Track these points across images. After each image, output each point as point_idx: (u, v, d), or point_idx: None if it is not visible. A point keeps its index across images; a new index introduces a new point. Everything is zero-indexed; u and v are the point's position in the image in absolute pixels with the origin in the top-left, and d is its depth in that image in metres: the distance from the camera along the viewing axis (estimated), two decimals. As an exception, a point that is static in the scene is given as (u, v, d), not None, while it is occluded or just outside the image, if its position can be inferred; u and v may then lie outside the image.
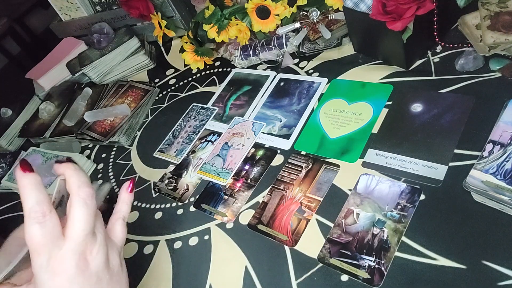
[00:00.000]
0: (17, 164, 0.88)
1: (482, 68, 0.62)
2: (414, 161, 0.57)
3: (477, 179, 0.48)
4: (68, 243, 0.36)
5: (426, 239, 0.49)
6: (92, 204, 0.38)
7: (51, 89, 1.08)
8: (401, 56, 0.67)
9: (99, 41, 1.02)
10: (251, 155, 0.70)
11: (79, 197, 0.38)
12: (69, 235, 0.37)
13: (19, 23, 2.98)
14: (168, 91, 0.95)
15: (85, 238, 0.37)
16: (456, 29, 0.68)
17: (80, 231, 0.37)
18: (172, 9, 1.00)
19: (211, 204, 0.66)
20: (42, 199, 0.36)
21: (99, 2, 1.11)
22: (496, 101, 0.56)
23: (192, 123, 0.83)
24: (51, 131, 0.95)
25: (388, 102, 0.66)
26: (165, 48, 1.08)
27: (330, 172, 0.62)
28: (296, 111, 0.74)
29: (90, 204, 0.38)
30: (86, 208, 0.37)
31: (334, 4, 0.77)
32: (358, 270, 0.50)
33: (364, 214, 0.54)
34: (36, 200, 0.35)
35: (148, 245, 0.66)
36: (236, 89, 0.85)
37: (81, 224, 0.37)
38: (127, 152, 0.85)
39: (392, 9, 0.60)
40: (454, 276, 0.45)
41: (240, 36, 0.86)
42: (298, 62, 0.82)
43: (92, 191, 0.39)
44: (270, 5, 0.80)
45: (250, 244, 0.59)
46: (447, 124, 0.59)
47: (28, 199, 0.35)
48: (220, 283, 0.57)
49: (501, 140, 0.49)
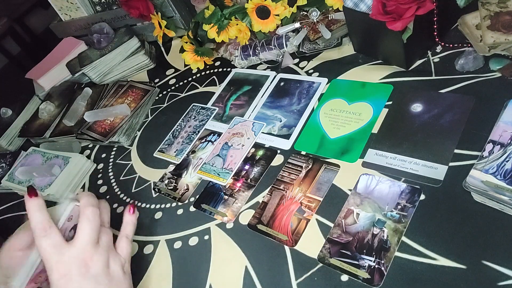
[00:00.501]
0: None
1: (482, 68, 0.62)
2: (414, 161, 0.57)
3: (477, 179, 0.48)
4: (72, 250, 0.46)
5: (426, 239, 0.49)
6: (94, 220, 0.48)
7: (51, 89, 1.08)
8: (401, 56, 0.67)
9: (99, 41, 1.02)
10: (251, 155, 0.70)
11: (84, 214, 0.48)
12: (74, 244, 0.46)
13: (19, 23, 2.98)
14: (168, 91, 0.95)
15: (86, 247, 0.46)
16: (456, 29, 0.68)
17: (83, 241, 0.46)
18: (172, 9, 1.00)
19: (211, 204, 0.66)
20: (44, 219, 0.46)
21: (99, 2, 1.11)
22: (496, 101, 0.56)
23: (192, 123, 0.83)
24: (51, 131, 0.95)
25: (388, 102, 0.66)
26: (165, 48, 1.08)
27: (330, 172, 0.62)
28: (296, 111, 0.74)
29: (93, 220, 0.48)
30: (88, 223, 0.47)
31: (334, 4, 0.77)
32: (358, 270, 0.50)
33: (364, 214, 0.54)
34: (39, 220, 0.46)
35: (148, 245, 0.66)
36: (236, 89, 0.85)
37: (84, 235, 0.46)
38: (127, 152, 0.85)
39: (392, 9, 0.60)
40: (454, 276, 0.45)
41: (240, 36, 0.86)
42: (298, 62, 0.82)
43: (96, 210, 0.49)
44: (270, 5, 0.80)
45: (250, 244, 0.59)
46: (447, 124, 0.59)
47: (33, 220, 0.46)
48: (220, 283, 0.57)
49: (501, 140, 0.49)
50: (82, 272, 0.45)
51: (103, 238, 0.49)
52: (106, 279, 0.47)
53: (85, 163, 0.85)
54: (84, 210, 0.48)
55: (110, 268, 0.48)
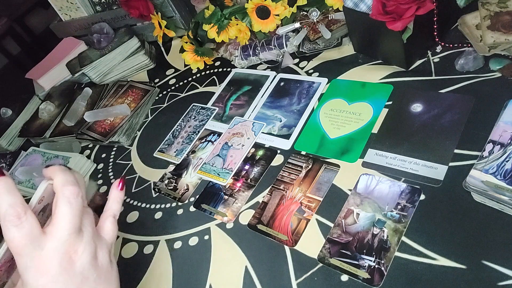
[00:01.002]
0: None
1: (482, 68, 0.62)
2: (414, 161, 0.57)
3: (477, 179, 0.48)
4: (50, 242, 0.36)
5: (426, 239, 0.49)
6: (76, 202, 0.38)
7: (51, 89, 1.08)
8: (401, 56, 0.67)
9: (99, 41, 1.02)
10: (251, 155, 0.70)
11: (63, 196, 0.37)
12: (52, 234, 0.36)
13: (19, 23, 2.98)
14: (168, 91, 0.95)
15: (68, 237, 0.37)
16: (456, 29, 0.68)
17: (64, 230, 0.36)
18: (172, 9, 1.00)
19: (211, 204, 0.66)
20: (16, 202, 0.35)
21: (99, 2, 1.11)
22: (496, 101, 0.56)
23: (192, 123, 0.83)
24: (51, 131, 0.95)
25: (388, 102, 0.66)
26: (165, 48, 1.08)
27: (330, 172, 0.62)
28: (296, 111, 0.74)
29: (75, 203, 0.38)
30: (70, 207, 0.37)
31: (334, 4, 0.77)
32: (358, 270, 0.50)
33: (364, 214, 0.54)
34: (9, 203, 0.35)
35: (148, 245, 0.66)
36: (236, 89, 0.85)
37: (65, 223, 0.37)
38: (127, 152, 0.85)
39: (392, 9, 0.60)
40: (454, 276, 0.45)
41: (240, 36, 0.86)
42: (298, 62, 0.82)
43: (77, 189, 0.38)
44: (270, 5, 0.80)
45: (250, 244, 0.59)
46: (447, 124, 0.59)
47: (1, 203, 0.35)
48: (220, 283, 0.57)
49: (501, 140, 0.49)
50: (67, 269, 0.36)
51: (86, 223, 0.39)
52: (94, 273, 0.38)
53: (85, 163, 0.85)
54: (62, 189, 0.37)
55: (97, 259, 0.39)
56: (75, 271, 0.37)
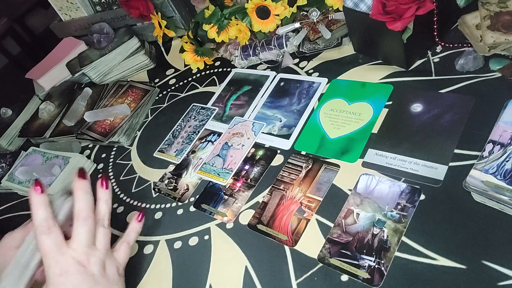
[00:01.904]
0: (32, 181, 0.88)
1: (482, 68, 0.62)
2: (414, 161, 0.57)
3: (477, 179, 0.48)
4: (70, 251, 0.47)
5: (426, 239, 0.49)
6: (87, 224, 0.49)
7: (51, 89, 1.08)
8: (401, 56, 0.67)
9: (99, 41, 1.02)
10: (251, 155, 0.70)
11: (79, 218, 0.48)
12: (72, 246, 0.47)
13: (19, 23, 2.98)
14: (168, 91, 0.95)
15: (83, 250, 0.48)
16: (456, 29, 0.68)
17: (80, 244, 0.48)
18: (172, 9, 1.00)
19: (211, 204, 0.66)
20: (48, 216, 0.47)
21: (99, 2, 1.11)
22: (496, 101, 0.56)
23: (192, 123, 0.83)
24: (51, 131, 0.95)
25: (388, 102, 0.66)
26: (165, 48, 1.08)
27: (330, 172, 0.62)
28: (296, 111, 0.74)
29: (86, 224, 0.48)
30: (83, 226, 0.48)
31: (334, 4, 0.77)
32: (358, 270, 0.50)
33: (364, 214, 0.54)
34: (43, 216, 0.46)
35: (148, 245, 0.66)
36: (236, 89, 0.85)
37: (81, 239, 0.48)
38: (127, 152, 0.85)
39: (392, 9, 0.60)
40: (454, 276, 0.45)
41: (240, 36, 0.86)
42: (298, 62, 0.83)
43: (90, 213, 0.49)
44: (270, 5, 0.80)
45: (250, 244, 0.59)
46: (447, 124, 0.59)
47: (37, 215, 0.46)
48: (220, 283, 0.57)
49: (501, 140, 0.49)
50: (81, 271, 0.47)
51: (101, 240, 0.50)
52: (103, 279, 0.48)
53: (85, 163, 0.85)
54: (78, 213, 0.48)
55: (106, 271, 0.49)
56: (87, 273, 0.47)
